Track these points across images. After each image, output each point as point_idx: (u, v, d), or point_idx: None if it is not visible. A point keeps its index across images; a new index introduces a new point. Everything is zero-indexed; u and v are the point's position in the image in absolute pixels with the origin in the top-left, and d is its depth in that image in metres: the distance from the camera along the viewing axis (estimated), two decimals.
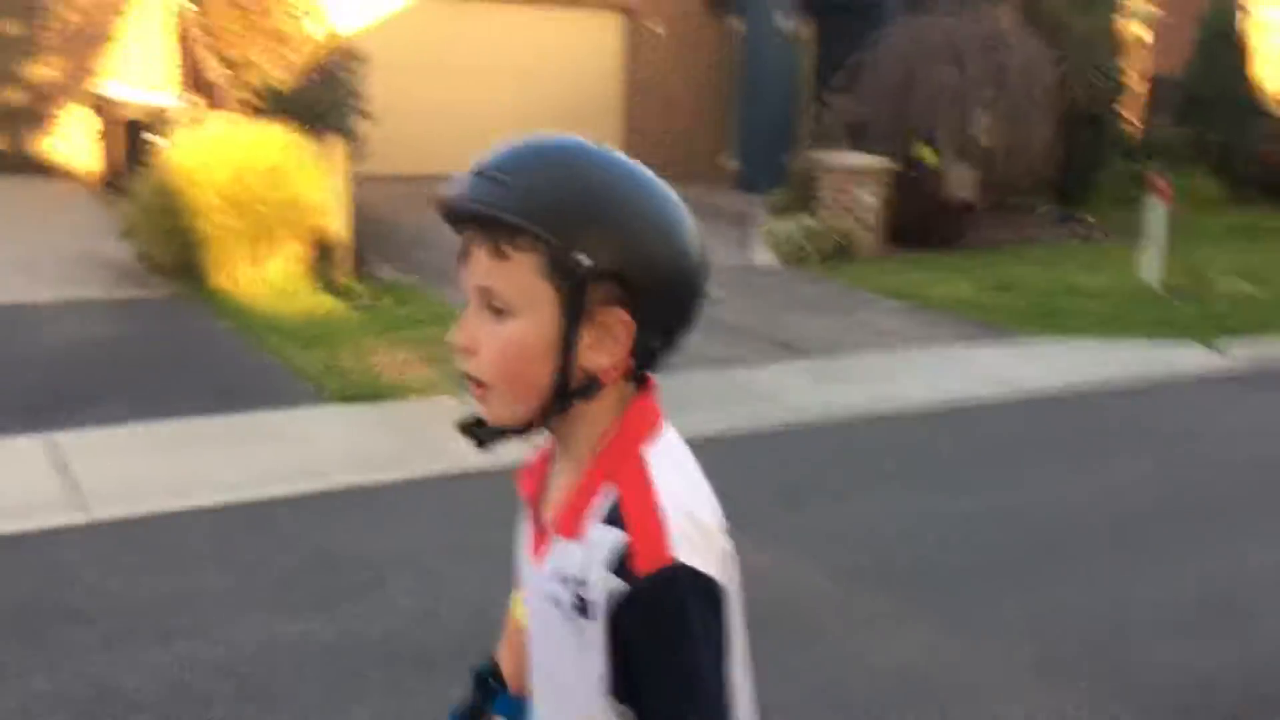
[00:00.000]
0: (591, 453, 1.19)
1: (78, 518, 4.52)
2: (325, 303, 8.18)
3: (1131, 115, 16.01)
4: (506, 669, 1.45)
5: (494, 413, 1.18)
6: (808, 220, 11.35)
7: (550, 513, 1.23)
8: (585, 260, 1.12)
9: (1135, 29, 15.54)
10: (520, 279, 1.13)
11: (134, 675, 3.35)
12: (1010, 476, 5.46)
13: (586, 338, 1.15)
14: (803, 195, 12.18)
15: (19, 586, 3.91)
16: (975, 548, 4.60)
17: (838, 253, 11.01)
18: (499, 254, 1.13)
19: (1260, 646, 3.83)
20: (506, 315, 1.14)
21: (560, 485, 1.24)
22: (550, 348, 1.14)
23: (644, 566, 1.10)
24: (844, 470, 5.49)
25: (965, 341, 8.12)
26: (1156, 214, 10.27)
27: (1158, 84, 16.89)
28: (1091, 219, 13.90)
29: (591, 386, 1.17)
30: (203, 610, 3.79)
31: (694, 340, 1.27)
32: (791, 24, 14.18)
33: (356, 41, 11.14)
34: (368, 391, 6.22)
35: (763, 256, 11.10)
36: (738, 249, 11.46)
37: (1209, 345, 8.11)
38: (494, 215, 1.12)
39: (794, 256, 10.87)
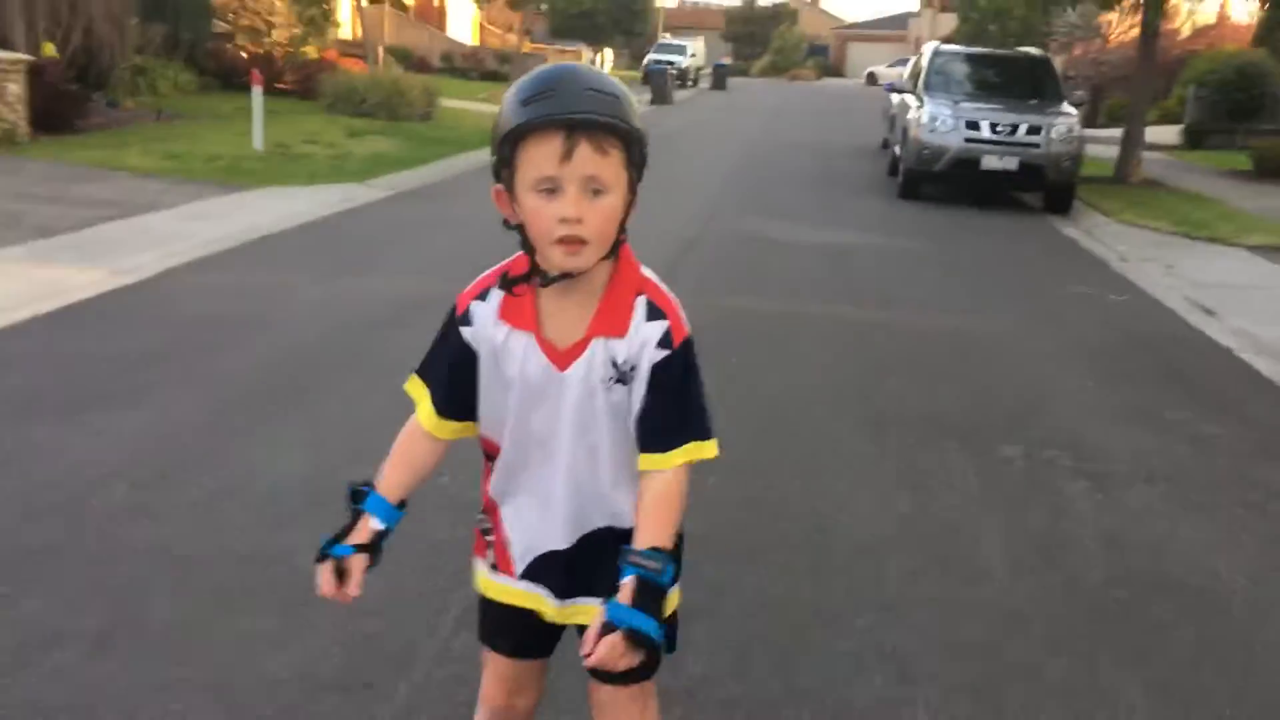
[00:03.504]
0: (605, 281, 1.74)
1: None
2: None
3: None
4: (396, 476, 1.85)
5: (585, 261, 1.67)
6: None
7: (571, 328, 1.75)
8: (645, 152, 1.69)
9: None
10: (615, 167, 1.64)
11: None
12: (407, 253, 8.99)
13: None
14: None
15: None
16: None
17: (1, 139, 12.20)
18: (603, 151, 1.62)
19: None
20: (603, 194, 1.64)
21: (570, 309, 1.74)
22: (622, 213, 1.69)
23: (678, 339, 1.75)
24: (319, 260, 8.42)
25: (218, 194, 10.84)
26: (257, 98, 13.76)
27: None
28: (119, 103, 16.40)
29: (622, 238, 1.73)
30: None
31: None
32: None
33: None
34: None
35: None
36: None
37: (364, 182, 12.20)
38: (626, 126, 1.63)
39: None
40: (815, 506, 4.04)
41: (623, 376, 1.74)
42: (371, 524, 1.79)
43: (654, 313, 1.74)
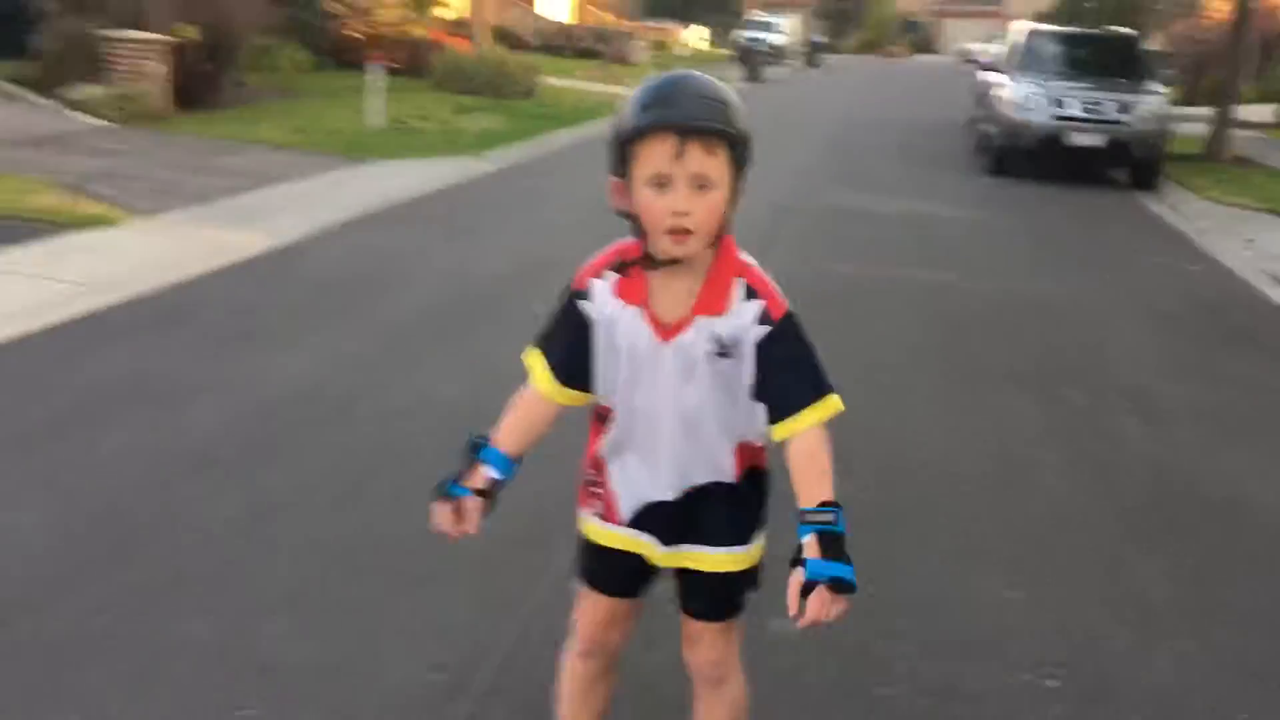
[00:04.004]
0: (708, 266, 1.92)
1: None
2: None
3: None
4: (513, 434, 2.05)
5: (691, 249, 1.85)
6: (105, 88, 13.25)
7: (677, 306, 1.93)
8: (750, 152, 1.86)
9: None
10: (721, 166, 1.82)
11: None
12: (555, 210, 9.79)
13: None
14: (61, 66, 13.79)
15: None
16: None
17: (146, 114, 13.28)
18: (711, 152, 1.80)
19: None
20: (709, 189, 1.81)
21: (677, 289, 1.92)
22: (725, 207, 1.86)
23: (776, 315, 1.93)
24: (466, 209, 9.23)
25: (346, 165, 11.74)
26: (377, 76, 14.66)
27: None
28: (245, 82, 17.44)
29: (727, 228, 1.91)
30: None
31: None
32: None
33: None
34: (96, 221, 7.96)
35: (82, 120, 12.78)
36: (46, 116, 12.90)
37: (477, 156, 13.03)
38: (732, 131, 1.81)
39: (119, 118, 12.86)
40: (895, 434, 4.70)
41: (725, 350, 1.92)
42: (488, 473, 2.02)
43: (751, 293, 1.93)
